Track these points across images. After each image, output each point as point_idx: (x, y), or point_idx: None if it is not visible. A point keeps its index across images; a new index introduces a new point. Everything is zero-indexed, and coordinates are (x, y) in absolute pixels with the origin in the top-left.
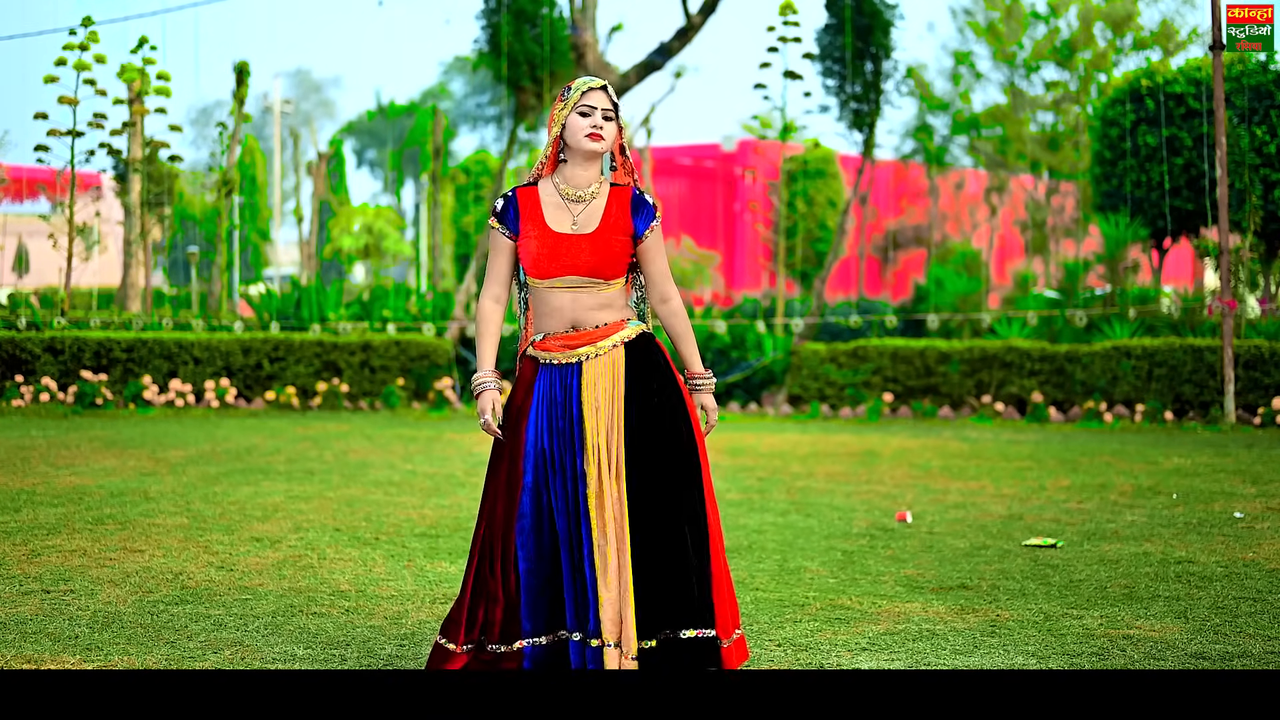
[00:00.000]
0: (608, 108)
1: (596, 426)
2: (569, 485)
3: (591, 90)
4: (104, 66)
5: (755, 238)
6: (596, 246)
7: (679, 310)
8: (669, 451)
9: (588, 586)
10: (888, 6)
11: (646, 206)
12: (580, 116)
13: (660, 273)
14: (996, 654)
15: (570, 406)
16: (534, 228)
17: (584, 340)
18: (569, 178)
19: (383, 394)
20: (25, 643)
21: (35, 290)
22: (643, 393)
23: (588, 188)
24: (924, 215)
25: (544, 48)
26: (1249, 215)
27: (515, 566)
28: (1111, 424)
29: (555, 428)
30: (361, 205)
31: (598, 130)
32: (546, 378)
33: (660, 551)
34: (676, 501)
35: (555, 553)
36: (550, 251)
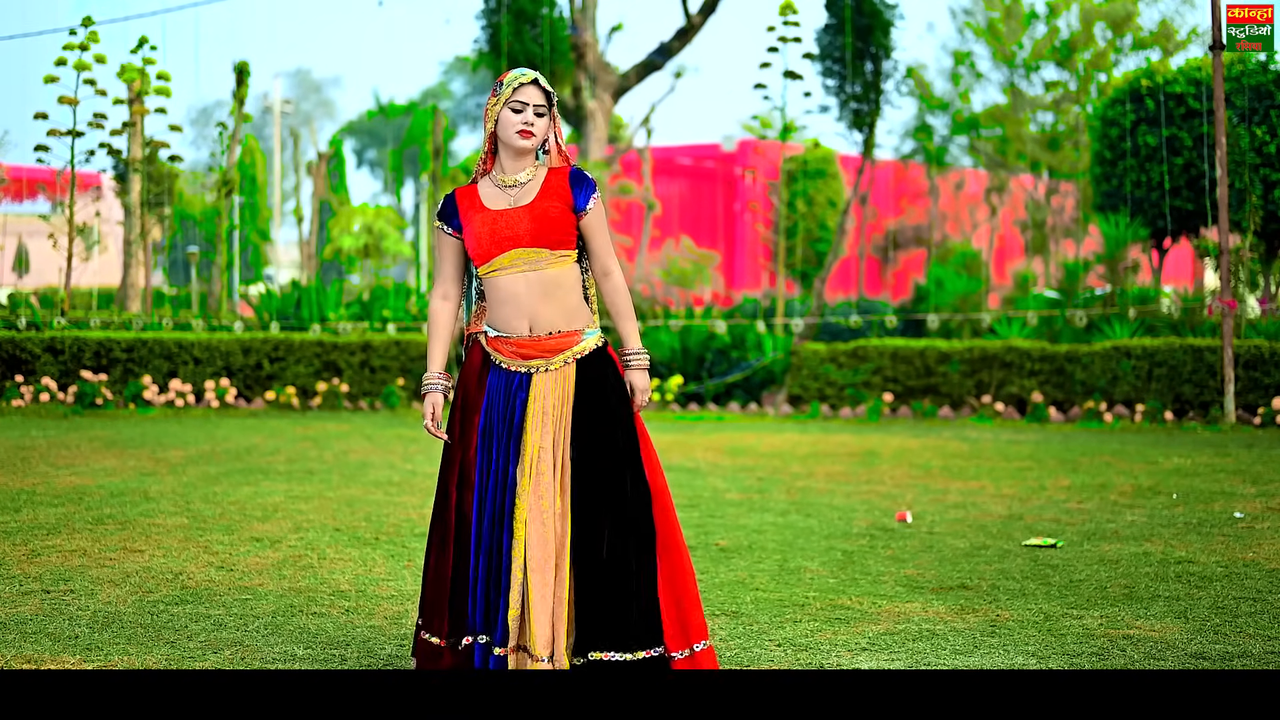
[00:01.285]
0: (539, 103)
1: (539, 439)
2: (499, 493)
3: (523, 85)
4: (104, 66)
5: (755, 238)
6: (534, 215)
7: (620, 285)
8: (615, 469)
9: (501, 593)
10: (888, 6)
11: (586, 180)
12: (512, 112)
13: (603, 247)
14: (996, 654)
15: (513, 414)
16: (474, 213)
17: (537, 351)
18: (505, 168)
19: (383, 394)
20: (25, 643)
21: (35, 290)
22: (589, 411)
23: (523, 172)
24: (924, 215)
25: (544, 48)
26: (1249, 215)
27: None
28: (1111, 424)
29: (496, 432)
30: (361, 205)
31: (528, 127)
32: (494, 381)
33: (599, 572)
34: (620, 520)
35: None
36: (490, 229)
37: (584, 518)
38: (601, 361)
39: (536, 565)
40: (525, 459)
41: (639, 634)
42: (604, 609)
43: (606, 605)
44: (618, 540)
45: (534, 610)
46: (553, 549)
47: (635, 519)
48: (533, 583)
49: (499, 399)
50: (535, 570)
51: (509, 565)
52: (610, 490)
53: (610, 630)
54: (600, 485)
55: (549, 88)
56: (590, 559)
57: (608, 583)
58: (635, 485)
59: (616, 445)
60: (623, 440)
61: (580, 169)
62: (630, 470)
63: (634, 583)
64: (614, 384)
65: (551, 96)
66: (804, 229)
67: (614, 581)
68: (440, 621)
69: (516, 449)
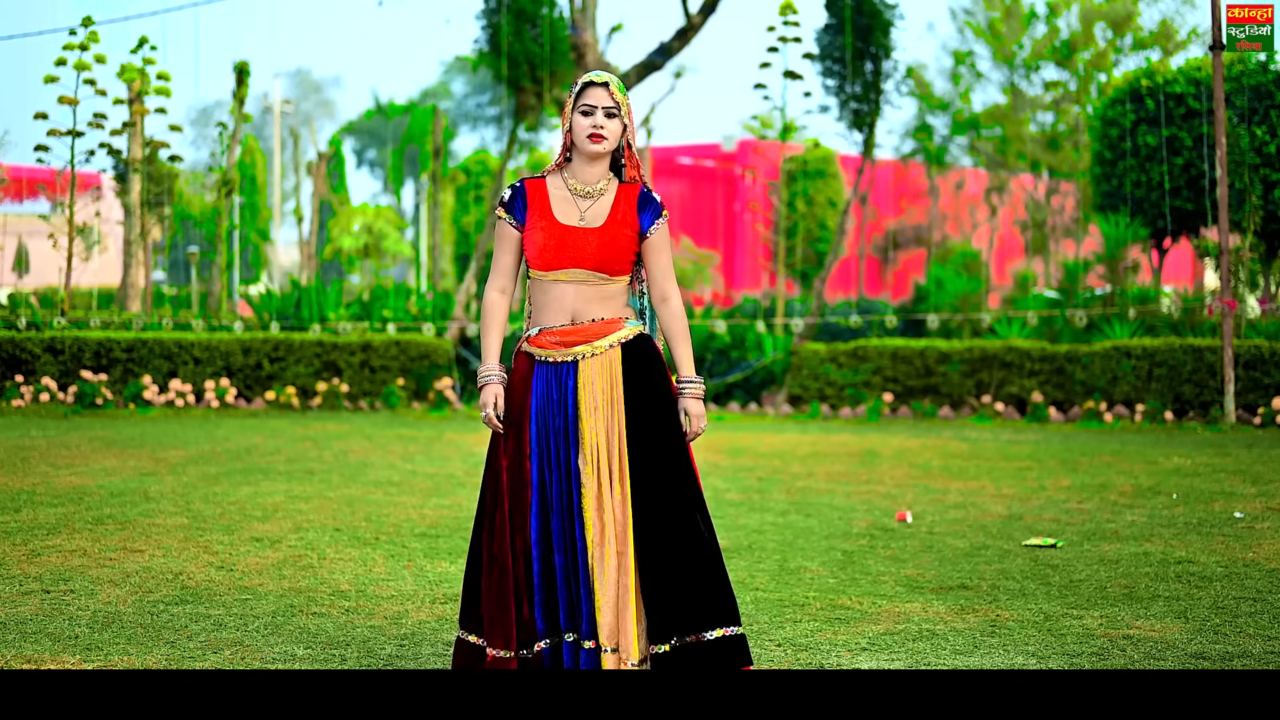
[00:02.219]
0: (609, 105)
1: (595, 427)
2: (565, 484)
3: (592, 87)
4: (104, 66)
5: (755, 238)
6: (603, 241)
7: (678, 311)
8: (668, 455)
9: (581, 587)
10: (888, 6)
11: (654, 203)
12: (582, 116)
13: (662, 271)
14: (996, 654)
15: (566, 405)
16: (541, 219)
17: (580, 337)
18: (577, 174)
19: (383, 394)
20: (25, 643)
21: (35, 290)
22: (640, 397)
23: (596, 184)
24: (924, 215)
25: (544, 48)
26: (1249, 215)
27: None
28: (1111, 424)
29: (553, 425)
30: (361, 205)
31: (599, 131)
32: (543, 375)
33: (670, 555)
34: (682, 505)
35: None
36: (557, 244)
37: (645, 503)
38: (647, 347)
39: (599, 555)
40: (585, 447)
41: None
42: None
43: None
44: (682, 523)
45: (599, 600)
46: (613, 536)
47: (696, 499)
48: (595, 572)
49: (553, 392)
50: (598, 559)
51: (585, 556)
52: (669, 474)
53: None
54: (659, 470)
55: (618, 92)
56: (656, 544)
57: (677, 566)
58: (689, 468)
59: (670, 429)
60: (675, 424)
61: (649, 189)
62: (684, 453)
63: (706, 562)
64: (660, 369)
65: (619, 101)
66: (804, 229)
67: (683, 564)
68: (508, 633)
69: (575, 438)
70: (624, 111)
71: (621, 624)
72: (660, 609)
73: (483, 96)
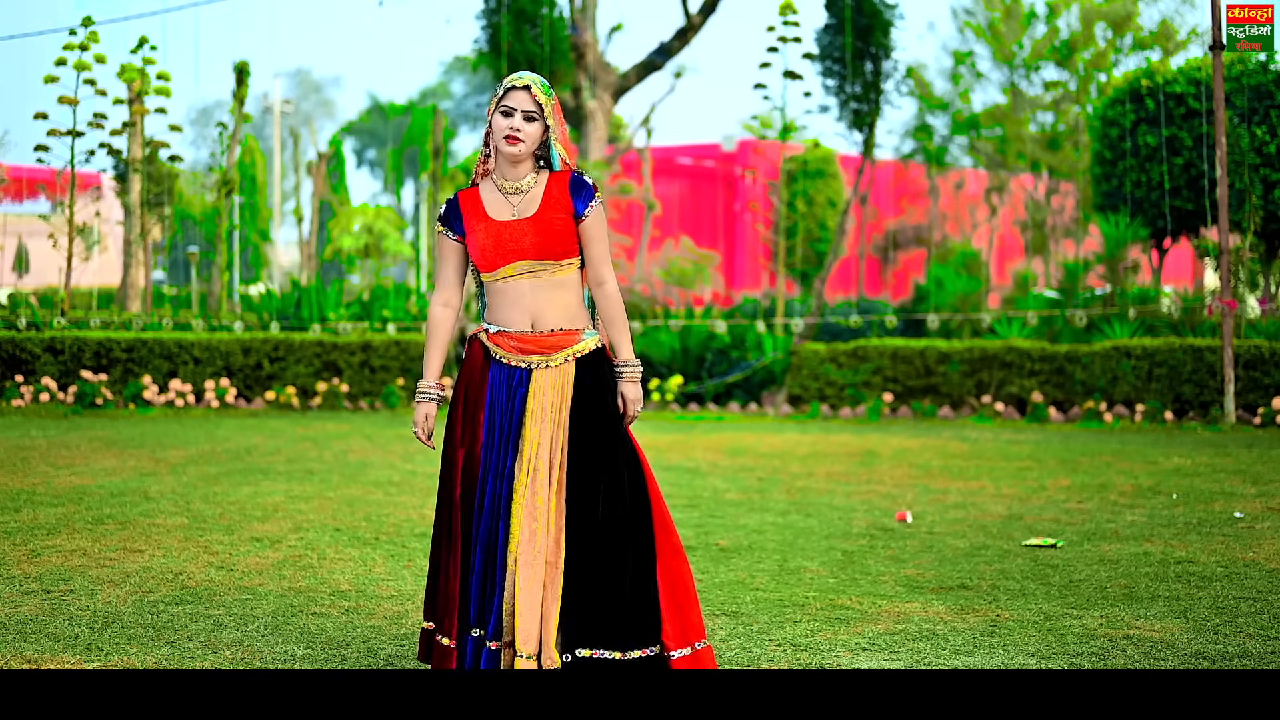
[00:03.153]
0: (529, 109)
1: (537, 436)
2: (497, 484)
3: (513, 90)
4: (104, 66)
5: (755, 238)
6: (538, 227)
7: (612, 294)
8: (612, 468)
9: (497, 588)
10: (888, 6)
11: (586, 187)
12: (502, 116)
13: (598, 256)
14: (996, 654)
15: (514, 410)
16: (478, 222)
17: (538, 347)
18: (504, 173)
19: (383, 394)
20: (25, 643)
21: (35, 290)
22: (587, 411)
23: (523, 179)
24: (924, 215)
25: (544, 48)
26: (1249, 215)
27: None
28: (1111, 424)
29: (498, 425)
30: (361, 205)
31: (514, 133)
32: (498, 375)
33: (603, 568)
34: (618, 520)
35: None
36: (495, 240)
37: (578, 516)
38: (601, 362)
39: (525, 561)
40: (524, 454)
41: (635, 632)
42: (594, 606)
43: (597, 603)
44: (612, 539)
45: (519, 605)
46: (543, 546)
47: (632, 519)
48: (519, 578)
49: (500, 394)
50: (523, 565)
51: (504, 559)
52: (606, 490)
53: (600, 628)
54: (595, 485)
55: (541, 94)
56: (583, 557)
57: (600, 581)
58: (633, 485)
59: (614, 445)
60: (621, 441)
61: (581, 174)
62: (628, 471)
63: (630, 581)
64: (612, 385)
65: (542, 104)
66: (804, 229)
67: (607, 579)
68: (451, 622)
69: (516, 444)
70: (547, 112)
71: (545, 632)
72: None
73: (483, 96)
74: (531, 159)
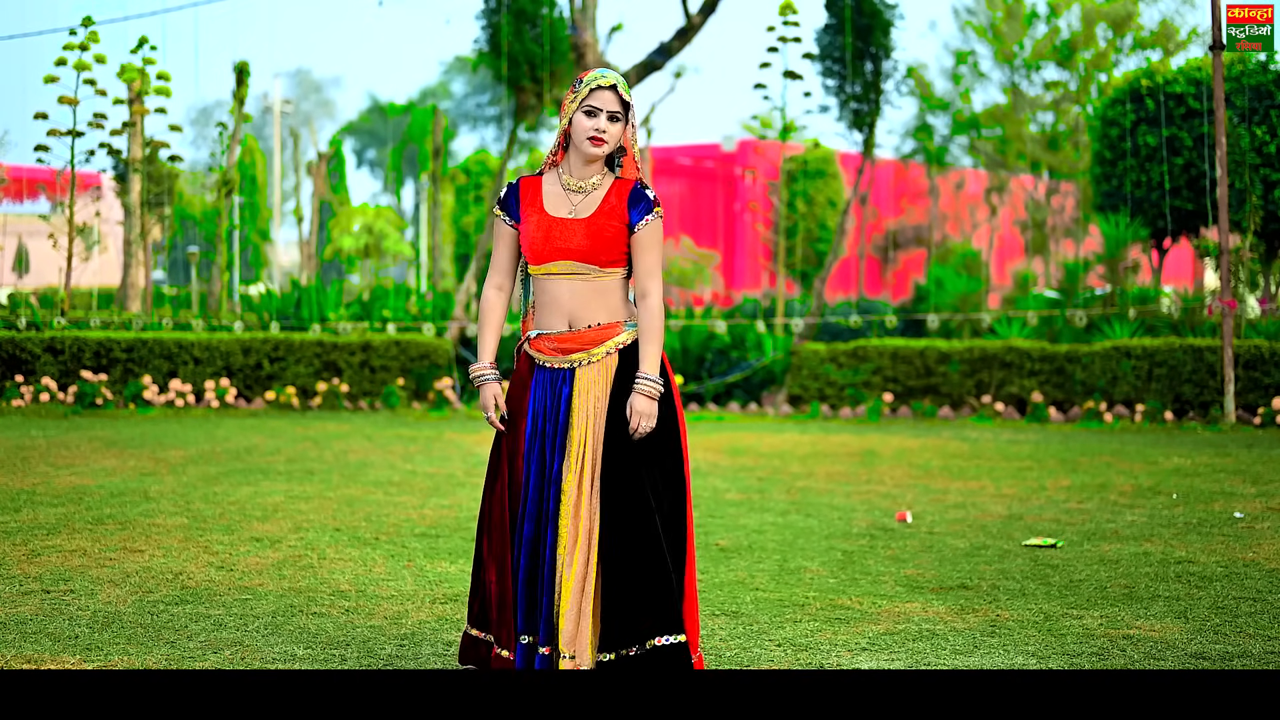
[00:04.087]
0: (615, 109)
1: (583, 433)
2: (544, 490)
3: (599, 89)
4: (104, 66)
5: (755, 238)
6: (590, 231)
7: (653, 307)
8: (650, 463)
9: (544, 594)
10: (888, 6)
11: (645, 199)
12: (585, 115)
13: (645, 269)
14: (996, 654)
15: (559, 412)
16: (534, 213)
17: (578, 344)
18: (573, 170)
19: (383, 394)
20: (25, 643)
21: (35, 290)
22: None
23: (589, 179)
24: (924, 215)
25: (544, 48)
26: (1249, 215)
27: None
28: (1111, 424)
29: (544, 431)
30: (361, 205)
31: (600, 135)
32: (541, 381)
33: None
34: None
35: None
36: (545, 234)
37: (613, 513)
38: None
39: (568, 562)
40: (571, 455)
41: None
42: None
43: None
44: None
45: (563, 607)
46: (585, 546)
47: (669, 514)
48: (562, 579)
49: (545, 398)
50: (567, 566)
51: (553, 562)
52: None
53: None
54: (632, 480)
55: (626, 95)
56: (621, 554)
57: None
58: (669, 481)
59: (653, 438)
60: (659, 435)
61: (643, 185)
62: (663, 465)
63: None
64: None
65: (629, 103)
66: (804, 229)
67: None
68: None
69: (563, 445)
70: (631, 114)
71: (580, 630)
72: (611, 619)
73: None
74: (601, 160)
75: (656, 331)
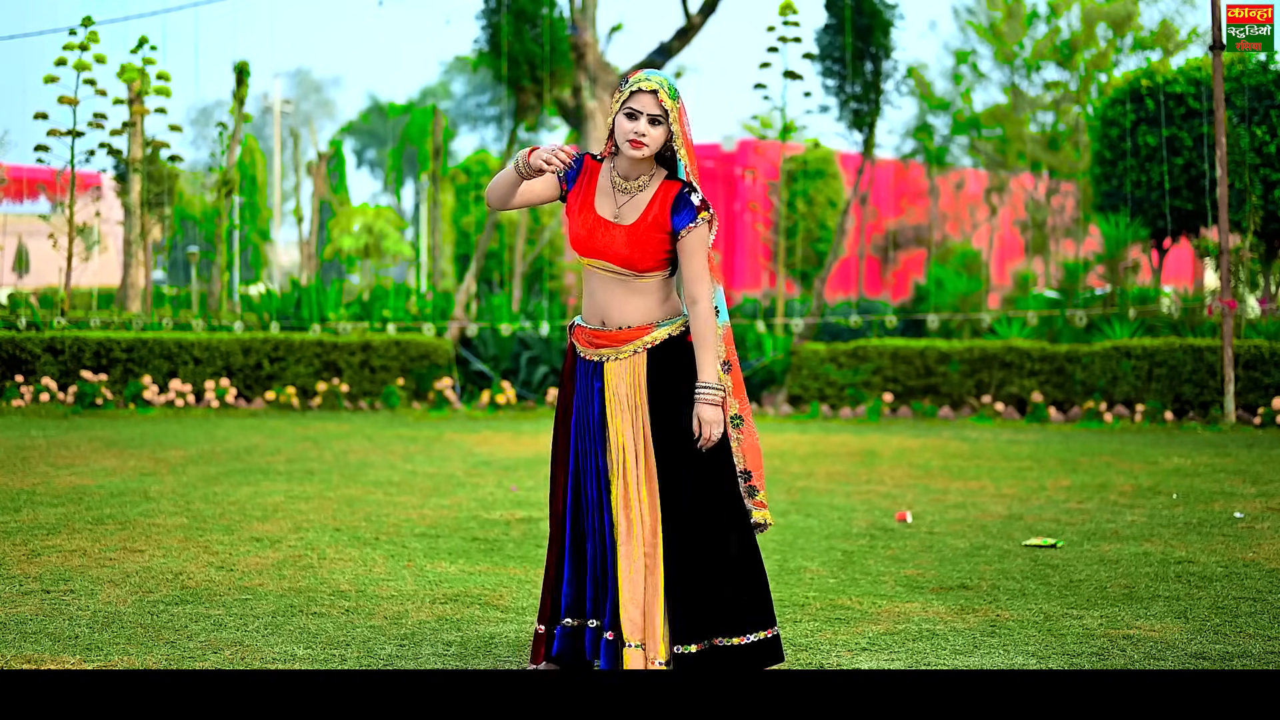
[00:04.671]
0: (655, 112)
1: (619, 427)
2: (595, 479)
3: (639, 92)
4: (104, 66)
5: (755, 238)
6: (631, 240)
7: (703, 314)
8: (696, 458)
9: (608, 579)
10: (888, 6)
11: (689, 206)
12: (626, 118)
13: (692, 275)
14: (996, 654)
15: (593, 403)
16: (583, 204)
17: (606, 342)
18: (620, 167)
19: (383, 394)
20: (25, 643)
21: (35, 290)
22: (664, 401)
23: (636, 179)
24: (924, 215)
25: (544, 48)
26: (1249, 215)
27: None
28: (1111, 424)
29: (586, 420)
30: (361, 205)
31: (639, 138)
32: (582, 370)
33: (696, 558)
34: (714, 504)
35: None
36: (589, 232)
37: (671, 508)
38: (675, 350)
39: (625, 553)
40: (611, 448)
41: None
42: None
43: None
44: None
45: (623, 596)
46: (640, 538)
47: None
48: (621, 569)
49: (583, 387)
50: (624, 558)
51: (614, 550)
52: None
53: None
54: (682, 475)
55: (667, 99)
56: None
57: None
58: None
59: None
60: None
61: (690, 189)
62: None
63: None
64: (686, 370)
65: (668, 109)
66: (804, 229)
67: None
68: (544, 608)
69: (602, 437)
70: (673, 117)
71: (649, 623)
72: (686, 611)
73: (483, 96)
74: (647, 162)
75: (709, 337)
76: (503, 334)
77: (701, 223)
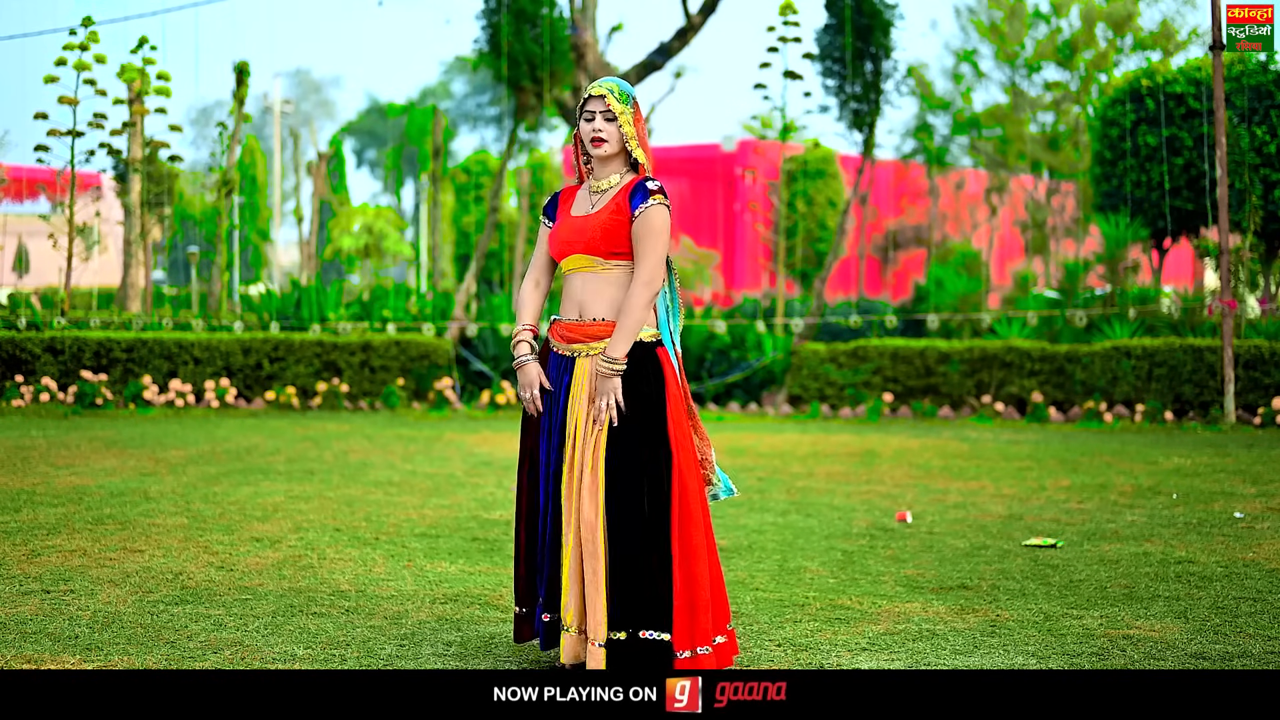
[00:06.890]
0: (605, 110)
1: (578, 421)
2: (552, 469)
3: (591, 98)
4: (104, 66)
5: (755, 238)
6: (598, 225)
7: (634, 293)
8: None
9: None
10: (888, 6)
11: (643, 190)
12: (585, 122)
13: (639, 254)
14: (996, 654)
15: (560, 397)
16: (563, 215)
17: (580, 336)
18: (595, 173)
19: (383, 394)
20: (25, 643)
21: (35, 290)
22: (627, 398)
23: (608, 179)
24: (924, 215)
25: (544, 48)
26: (1249, 215)
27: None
28: (1111, 424)
29: (552, 412)
30: (361, 205)
31: (598, 134)
32: (553, 364)
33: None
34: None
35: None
36: (565, 231)
37: (613, 505)
38: (644, 355)
39: (567, 540)
40: (567, 438)
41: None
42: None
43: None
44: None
45: (566, 583)
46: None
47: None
48: (564, 556)
49: (553, 379)
50: (566, 545)
51: (558, 537)
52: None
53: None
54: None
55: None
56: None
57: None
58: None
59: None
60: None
61: (647, 179)
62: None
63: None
64: (653, 376)
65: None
66: (804, 229)
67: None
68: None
69: (561, 429)
70: (624, 119)
71: (590, 608)
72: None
73: (483, 96)
74: (621, 159)
75: (631, 313)
76: (503, 334)
77: (655, 204)
